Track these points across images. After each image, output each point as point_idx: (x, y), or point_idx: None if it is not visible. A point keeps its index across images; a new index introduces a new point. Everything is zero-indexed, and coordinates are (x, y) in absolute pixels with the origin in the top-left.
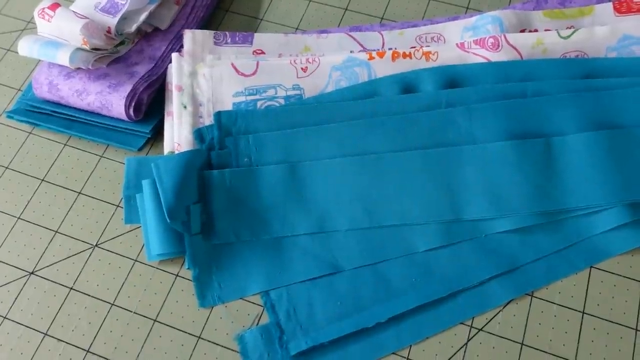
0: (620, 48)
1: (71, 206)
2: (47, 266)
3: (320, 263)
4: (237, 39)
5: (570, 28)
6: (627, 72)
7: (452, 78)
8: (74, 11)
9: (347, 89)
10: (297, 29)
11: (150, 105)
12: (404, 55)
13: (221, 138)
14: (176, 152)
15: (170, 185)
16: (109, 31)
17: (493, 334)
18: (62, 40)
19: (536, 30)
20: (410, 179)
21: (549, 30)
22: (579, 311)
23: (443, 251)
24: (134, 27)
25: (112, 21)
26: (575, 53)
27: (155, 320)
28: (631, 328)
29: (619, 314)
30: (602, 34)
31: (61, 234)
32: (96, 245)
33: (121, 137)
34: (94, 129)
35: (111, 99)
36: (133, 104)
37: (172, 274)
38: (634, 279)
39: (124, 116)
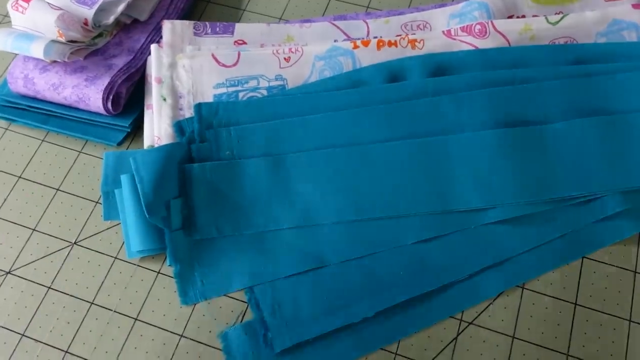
0: (609, 33)
1: (49, 203)
2: (25, 265)
3: (306, 257)
4: (217, 29)
5: (559, 14)
6: (617, 58)
7: (438, 66)
8: (48, 3)
9: (331, 78)
10: (280, 19)
11: (130, 99)
12: (390, 44)
13: (202, 130)
14: (156, 145)
15: (149, 179)
16: (85, 23)
17: (483, 327)
18: (37, 33)
19: (524, 16)
20: (397, 170)
21: (537, 16)
22: (571, 303)
23: (432, 243)
24: (111, 19)
25: (88, 13)
26: (564, 39)
27: (136, 319)
28: (624, 319)
29: (612, 305)
30: (591, 19)
31: (39, 232)
32: (75, 243)
33: (100, 131)
34: (72, 123)
35: (88, 93)
36: (111, 97)
37: (153, 271)
38: (627, 269)
39: (102, 110)
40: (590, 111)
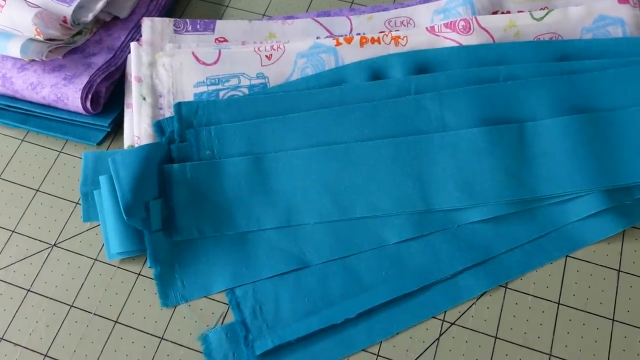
0: (595, 29)
1: (29, 204)
2: (4, 267)
3: (288, 258)
4: (198, 26)
5: (544, 9)
6: (603, 54)
7: (422, 63)
8: (26, 0)
9: (313, 76)
10: (263, 15)
11: (110, 98)
12: (373, 41)
13: (182, 130)
14: (136, 145)
15: (127, 180)
16: (64, 20)
17: (466, 328)
18: (14, 31)
19: (509, 12)
20: (379, 169)
21: (522, 12)
22: (554, 302)
23: (414, 243)
24: (90, 16)
25: (67, 10)
26: (549, 35)
27: (116, 322)
28: (608, 318)
29: (595, 304)
30: (577, 14)
31: (18, 233)
32: (54, 244)
33: (79, 131)
34: (51, 123)
35: (67, 92)
36: (90, 96)
37: (133, 272)
38: (611, 268)
39: (81, 109)
40: (575, 108)
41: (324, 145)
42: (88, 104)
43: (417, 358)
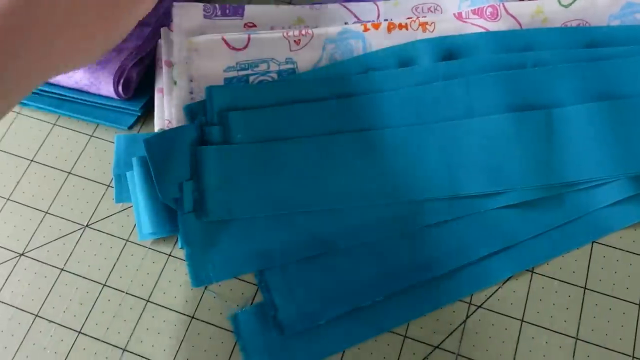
0: (623, 16)
1: (61, 186)
2: (38, 247)
3: (316, 241)
4: (227, 11)
5: None
6: (630, 41)
7: (449, 49)
8: None
9: (340, 63)
10: (290, 2)
11: (140, 83)
12: (400, 27)
13: (213, 114)
14: (167, 129)
15: (161, 161)
16: None
17: (492, 311)
18: None
19: None
20: (407, 155)
21: None
22: (581, 287)
23: (441, 228)
24: None
25: None
26: (576, 22)
27: (147, 301)
28: (634, 303)
29: (621, 290)
30: (604, 1)
31: (51, 214)
32: (87, 225)
33: (111, 115)
34: (84, 107)
35: (99, 76)
36: (122, 81)
37: (164, 253)
38: (637, 254)
39: (113, 94)
40: (602, 95)
41: (353, 131)
42: (120, 89)
43: (444, 340)
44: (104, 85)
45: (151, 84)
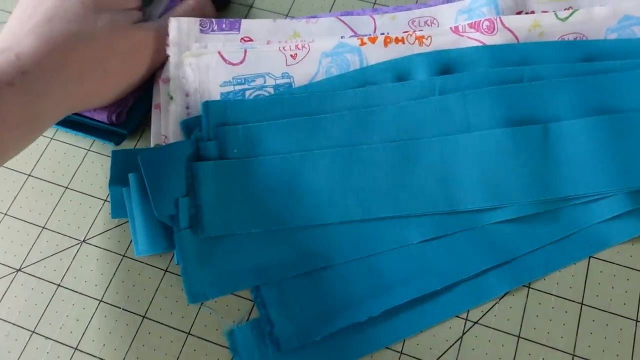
0: (620, 29)
1: (58, 201)
2: (34, 263)
3: (312, 257)
4: (223, 26)
5: (568, 9)
6: (628, 54)
7: (446, 63)
8: None
9: (337, 77)
10: (287, 15)
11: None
12: (397, 40)
13: (209, 129)
14: (163, 144)
15: (157, 177)
16: None
17: (489, 327)
18: None
19: (533, 12)
20: (403, 170)
21: (546, 12)
22: (578, 302)
23: (438, 243)
24: None
25: None
26: (573, 35)
27: (144, 317)
28: (631, 319)
29: (618, 305)
30: (601, 15)
31: (48, 229)
32: (84, 240)
33: (101, 133)
34: (76, 123)
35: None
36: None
37: (160, 269)
38: (635, 269)
39: (106, 121)
40: (599, 109)
41: (349, 146)
42: (113, 118)
43: (441, 356)
44: (97, 114)
45: (143, 103)
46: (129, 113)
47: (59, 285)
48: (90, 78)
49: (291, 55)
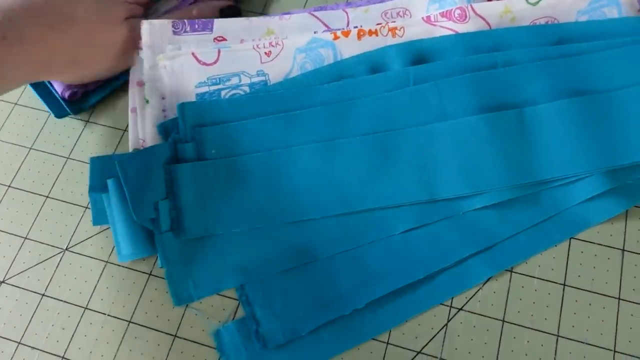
0: (591, 11)
1: (39, 211)
2: (18, 274)
3: (296, 252)
4: (196, 26)
5: None
6: (599, 35)
7: (420, 53)
8: None
9: (312, 72)
10: (262, 14)
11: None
12: (370, 33)
13: (186, 130)
14: (141, 148)
15: (135, 182)
16: None
17: (473, 313)
18: None
19: None
20: (382, 161)
21: None
22: (560, 284)
23: (420, 232)
24: None
25: None
26: (545, 19)
27: (129, 322)
28: (614, 297)
29: (600, 284)
30: None
31: (30, 240)
32: (66, 249)
33: (48, 99)
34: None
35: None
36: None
37: (144, 273)
38: (615, 247)
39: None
40: (573, 91)
41: (326, 140)
42: (66, 95)
43: (427, 344)
44: (56, 83)
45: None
46: (85, 96)
47: (43, 294)
48: (60, 60)
49: (265, 53)
